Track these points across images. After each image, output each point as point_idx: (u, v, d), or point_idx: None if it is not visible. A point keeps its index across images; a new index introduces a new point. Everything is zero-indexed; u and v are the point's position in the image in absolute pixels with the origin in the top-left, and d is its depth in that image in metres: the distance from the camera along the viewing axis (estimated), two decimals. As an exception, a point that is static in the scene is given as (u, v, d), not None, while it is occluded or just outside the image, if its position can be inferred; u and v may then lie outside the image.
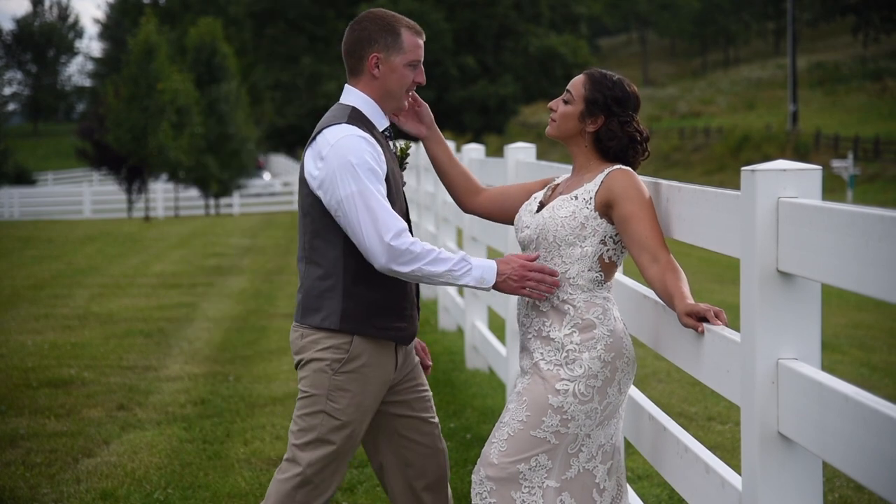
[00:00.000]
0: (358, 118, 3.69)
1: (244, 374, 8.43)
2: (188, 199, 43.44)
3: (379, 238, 3.53)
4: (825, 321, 9.85)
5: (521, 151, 6.68)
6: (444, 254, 3.56)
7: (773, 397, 2.88)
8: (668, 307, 3.47)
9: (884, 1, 62.45)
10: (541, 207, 3.70)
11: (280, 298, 12.80)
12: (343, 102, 3.76)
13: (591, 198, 3.56)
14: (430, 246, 3.56)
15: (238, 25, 60.00)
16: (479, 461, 3.57)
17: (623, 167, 3.59)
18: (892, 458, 2.33)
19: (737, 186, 3.17)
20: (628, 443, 4.68)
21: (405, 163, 3.92)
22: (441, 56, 55.50)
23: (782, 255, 2.85)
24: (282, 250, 19.57)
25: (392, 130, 3.86)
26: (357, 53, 3.73)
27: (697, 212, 3.39)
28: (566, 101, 3.67)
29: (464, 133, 53.34)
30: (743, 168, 2.95)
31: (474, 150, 8.81)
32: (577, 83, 3.68)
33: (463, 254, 3.59)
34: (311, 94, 55.95)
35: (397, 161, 3.86)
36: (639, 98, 3.69)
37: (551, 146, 45.08)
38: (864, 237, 2.44)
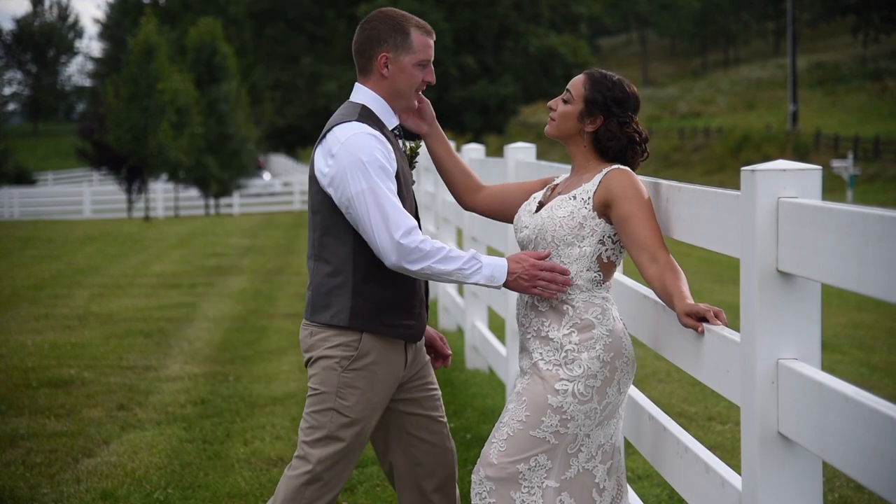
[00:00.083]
0: (368, 116, 3.68)
1: (244, 374, 8.43)
2: (188, 199, 43.45)
3: (389, 235, 3.53)
4: (825, 321, 9.85)
5: (520, 151, 6.68)
6: (454, 252, 3.55)
7: (773, 397, 2.88)
8: (668, 307, 3.47)
9: (884, 1, 62.45)
10: (540, 207, 3.70)
11: (280, 298, 12.79)
12: (353, 100, 3.76)
13: (589, 198, 3.56)
14: (441, 244, 3.56)
15: (238, 25, 59.99)
16: (479, 461, 3.57)
17: (621, 167, 3.59)
18: (892, 458, 2.33)
19: (737, 186, 3.17)
20: (628, 443, 4.68)
21: (415, 161, 3.92)
22: (441, 56, 55.52)
23: (782, 255, 2.85)
24: (282, 250, 19.56)
25: (401, 129, 3.87)
26: (367, 53, 3.72)
27: (697, 212, 3.39)
28: (566, 101, 3.67)
29: (464, 133, 53.32)
30: (743, 168, 2.95)
31: (474, 150, 8.80)
32: (576, 83, 3.67)
33: (473, 252, 3.58)
34: (311, 94, 55.92)
35: (407, 159, 3.86)
36: (638, 99, 3.68)
37: (551, 146, 45.07)
38: (864, 237, 2.44)
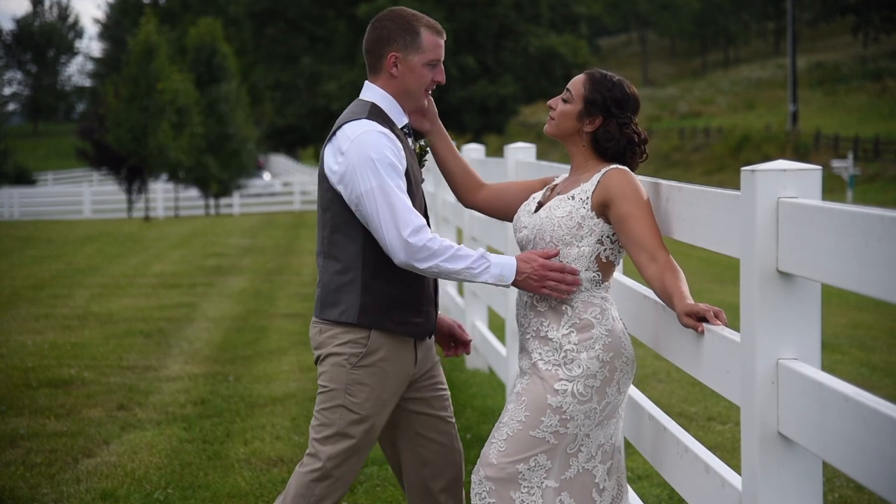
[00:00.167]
0: (377, 114, 3.69)
1: (244, 374, 8.43)
2: (188, 199, 43.46)
3: (398, 233, 3.53)
4: (825, 321, 9.85)
5: (520, 151, 6.68)
6: (462, 250, 3.55)
7: (773, 397, 2.88)
8: (668, 307, 3.47)
9: (884, 1, 62.45)
10: (539, 207, 3.70)
11: (280, 298, 12.79)
12: (363, 98, 3.76)
13: (587, 197, 3.56)
14: (449, 242, 3.56)
15: (238, 25, 59.96)
16: (479, 461, 3.57)
17: (620, 167, 3.59)
18: (892, 458, 2.32)
19: (737, 186, 3.17)
20: (628, 443, 4.67)
21: (424, 160, 3.93)
22: (441, 56, 55.13)
23: (782, 255, 2.85)
24: (282, 250, 19.56)
25: (411, 127, 3.87)
26: (376, 52, 3.73)
27: (697, 212, 3.39)
28: (565, 100, 3.67)
29: (464, 133, 53.29)
30: (743, 168, 2.95)
31: (474, 150, 8.80)
32: (577, 82, 3.67)
33: (482, 251, 3.58)
34: (311, 94, 55.86)
35: (416, 157, 3.86)
36: (638, 100, 3.68)
37: (551, 146, 45.08)
38: (864, 237, 2.44)
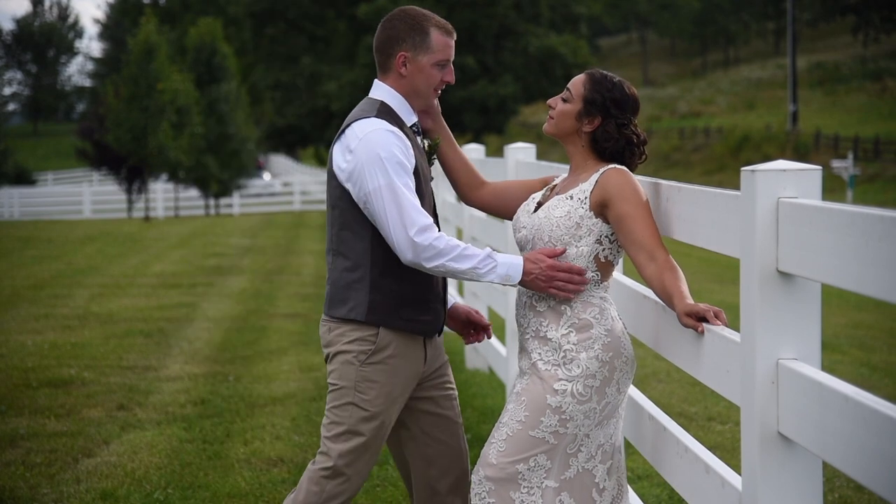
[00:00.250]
0: (387, 112, 3.69)
1: (244, 374, 8.43)
2: (188, 199, 43.46)
3: (405, 232, 3.54)
4: (825, 321, 9.85)
5: (520, 151, 6.68)
6: (469, 250, 3.56)
7: (773, 397, 2.87)
8: (667, 307, 3.47)
9: (884, 1, 62.45)
10: (538, 207, 3.71)
11: (280, 298, 12.79)
12: (372, 97, 3.77)
13: (586, 197, 3.56)
14: (456, 242, 3.56)
15: (238, 25, 59.96)
16: (479, 461, 3.57)
17: (618, 166, 3.59)
18: (892, 458, 2.32)
19: (737, 186, 3.17)
20: (628, 443, 4.67)
21: (433, 158, 3.93)
22: (441, 56, 54.99)
23: (782, 255, 2.84)
24: (282, 250, 19.56)
25: (419, 125, 3.87)
26: (386, 51, 3.73)
27: (697, 212, 3.39)
28: (565, 100, 3.67)
29: (464, 133, 53.27)
30: (743, 168, 2.95)
31: (474, 150, 8.80)
32: (577, 82, 3.68)
33: (488, 250, 3.58)
34: (311, 94, 55.84)
35: (425, 156, 3.86)
36: (638, 102, 3.68)
37: (551, 146, 45.07)
38: (864, 237, 2.43)
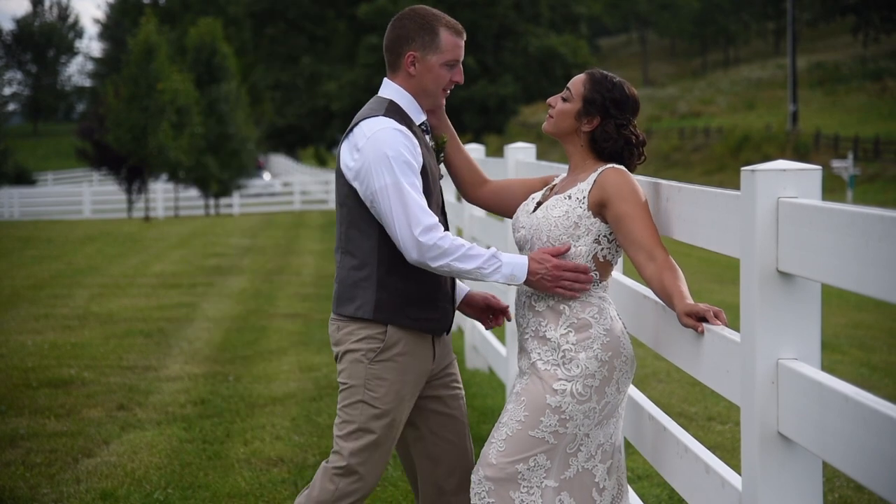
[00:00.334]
0: (395, 111, 3.70)
1: (244, 374, 8.43)
2: (188, 199, 43.46)
3: (410, 231, 3.55)
4: (825, 321, 9.85)
5: (520, 151, 6.69)
6: (474, 250, 3.56)
7: (773, 397, 2.87)
8: (667, 307, 3.47)
9: (884, 1, 62.45)
10: (537, 207, 3.71)
11: (280, 298, 12.79)
12: (381, 95, 3.78)
13: (584, 197, 3.56)
14: (462, 241, 3.56)
15: (238, 25, 59.94)
16: (478, 461, 3.57)
17: (616, 166, 3.59)
18: (892, 458, 2.32)
19: (737, 186, 3.17)
20: (628, 443, 4.67)
21: (441, 155, 3.93)
22: (441, 56, 54.79)
23: (782, 255, 2.85)
24: (282, 250, 19.56)
25: (428, 124, 3.87)
26: (395, 50, 3.74)
27: (697, 212, 3.39)
28: (565, 99, 3.68)
29: (464, 133, 53.25)
30: (743, 168, 2.95)
31: (474, 149, 8.79)
32: (577, 81, 3.68)
33: (494, 250, 3.58)
34: (311, 94, 55.80)
35: (434, 154, 3.87)
36: (638, 102, 3.68)
37: (551, 146, 45.07)
38: (864, 237, 2.43)
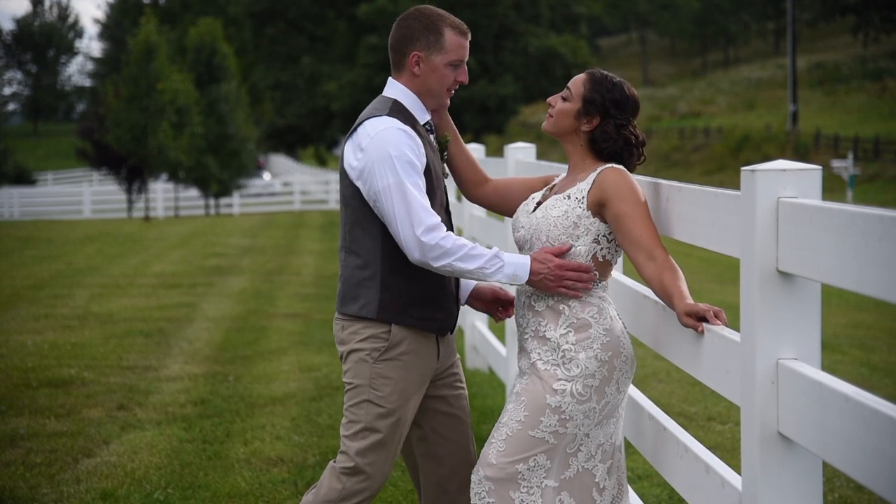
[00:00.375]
0: (399, 111, 3.70)
1: (244, 374, 8.43)
2: (188, 199, 43.45)
3: (412, 232, 3.55)
4: (825, 321, 9.85)
5: (520, 151, 6.69)
6: (476, 249, 3.56)
7: (773, 397, 2.87)
8: (667, 307, 3.46)
9: (884, 1, 62.45)
10: (537, 207, 3.71)
11: (280, 298, 12.79)
12: (385, 95, 3.78)
13: (583, 197, 3.56)
14: (464, 241, 3.56)
15: (238, 25, 59.95)
16: (478, 461, 3.57)
17: (615, 166, 3.59)
18: (892, 458, 2.32)
19: (737, 186, 3.17)
20: (628, 443, 4.67)
21: (445, 154, 3.93)
22: (441, 56, 54.67)
23: (782, 255, 2.84)
24: (282, 250, 19.56)
25: (433, 123, 3.87)
26: (400, 50, 3.75)
27: (697, 212, 3.39)
28: (565, 98, 3.68)
29: (464, 133, 53.30)
30: (743, 168, 2.95)
31: (474, 149, 8.78)
32: (577, 81, 3.68)
33: (496, 250, 3.59)
34: (311, 94, 55.81)
35: (439, 154, 3.87)
36: (638, 103, 3.68)
37: (551, 146, 45.06)
38: (864, 237, 2.43)
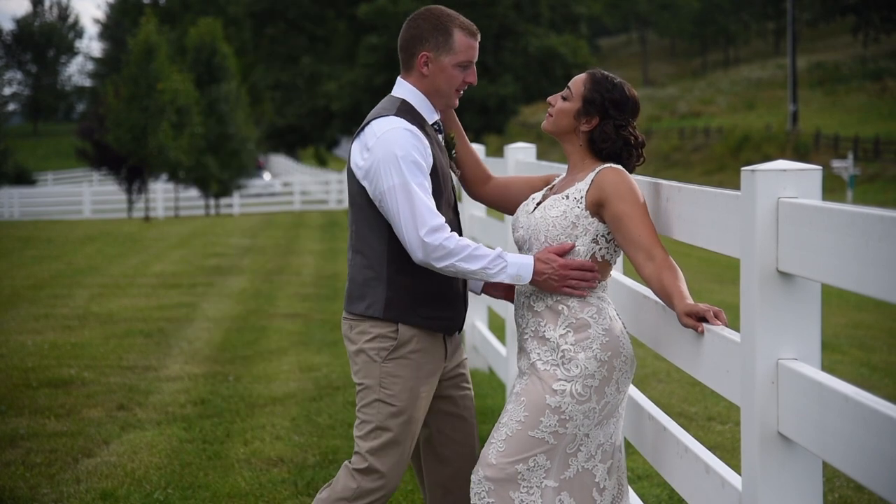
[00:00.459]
0: (407, 111, 3.70)
1: (244, 374, 8.43)
2: (188, 199, 43.45)
3: (416, 232, 3.56)
4: (825, 321, 9.85)
5: (520, 151, 6.69)
6: (479, 250, 3.56)
7: (773, 397, 2.87)
8: (667, 307, 3.46)
9: (884, 1, 62.43)
10: (536, 207, 3.71)
11: (280, 298, 12.79)
12: (394, 95, 3.78)
13: (582, 197, 3.56)
14: (467, 242, 3.57)
15: (238, 25, 59.93)
16: (478, 461, 3.57)
17: (614, 166, 3.59)
18: (892, 458, 2.32)
19: (737, 186, 3.17)
20: (628, 443, 4.67)
21: (453, 153, 3.93)
22: (441, 56, 54.62)
23: (782, 255, 2.84)
24: (282, 250, 19.56)
25: (441, 123, 3.86)
26: (409, 50, 3.75)
27: (697, 212, 3.39)
28: (564, 98, 3.68)
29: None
30: (743, 168, 2.95)
31: (475, 149, 8.79)
32: (577, 81, 3.68)
33: (499, 250, 3.59)
34: (311, 94, 55.79)
35: (447, 154, 3.86)
36: (638, 104, 3.68)
37: (551, 146, 45.06)
38: (864, 237, 2.43)
